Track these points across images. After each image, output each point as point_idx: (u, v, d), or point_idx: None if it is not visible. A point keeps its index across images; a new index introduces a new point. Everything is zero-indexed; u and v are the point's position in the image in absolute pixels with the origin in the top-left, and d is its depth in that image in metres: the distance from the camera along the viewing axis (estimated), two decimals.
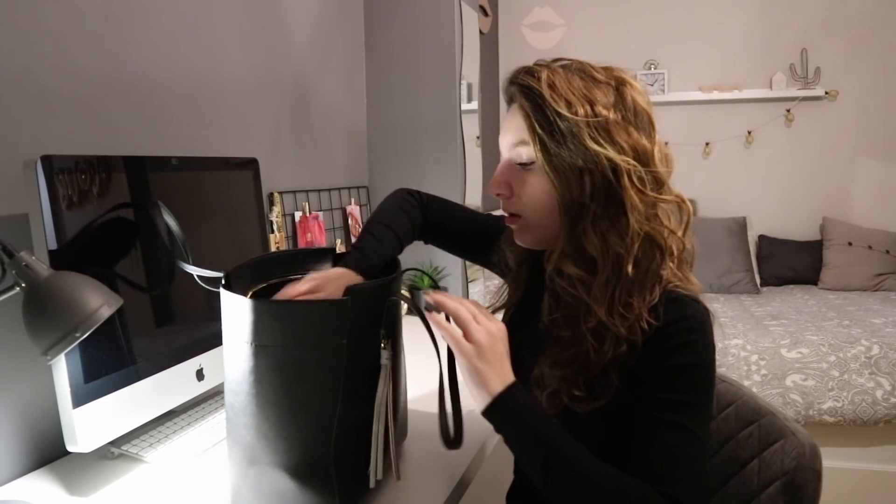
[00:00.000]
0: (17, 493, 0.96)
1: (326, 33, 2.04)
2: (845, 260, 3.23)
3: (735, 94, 3.46)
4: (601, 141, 0.76)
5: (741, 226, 3.36)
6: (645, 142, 0.79)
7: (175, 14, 1.38)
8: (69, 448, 0.91)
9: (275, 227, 1.75)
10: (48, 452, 1.05)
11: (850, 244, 3.24)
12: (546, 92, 0.78)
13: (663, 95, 3.54)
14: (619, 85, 0.80)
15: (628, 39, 3.59)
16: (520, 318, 0.96)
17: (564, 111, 0.77)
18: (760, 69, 3.46)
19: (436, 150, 2.19)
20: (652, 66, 3.58)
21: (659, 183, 0.80)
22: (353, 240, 1.00)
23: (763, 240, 3.46)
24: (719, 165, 3.53)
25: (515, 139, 0.82)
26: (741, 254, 3.28)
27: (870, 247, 3.22)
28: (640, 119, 0.80)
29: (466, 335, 0.76)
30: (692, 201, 3.52)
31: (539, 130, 0.78)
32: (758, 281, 3.28)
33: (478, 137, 2.47)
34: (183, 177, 1.15)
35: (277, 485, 0.79)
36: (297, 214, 1.86)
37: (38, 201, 0.86)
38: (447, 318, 0.79)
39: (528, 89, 0.80)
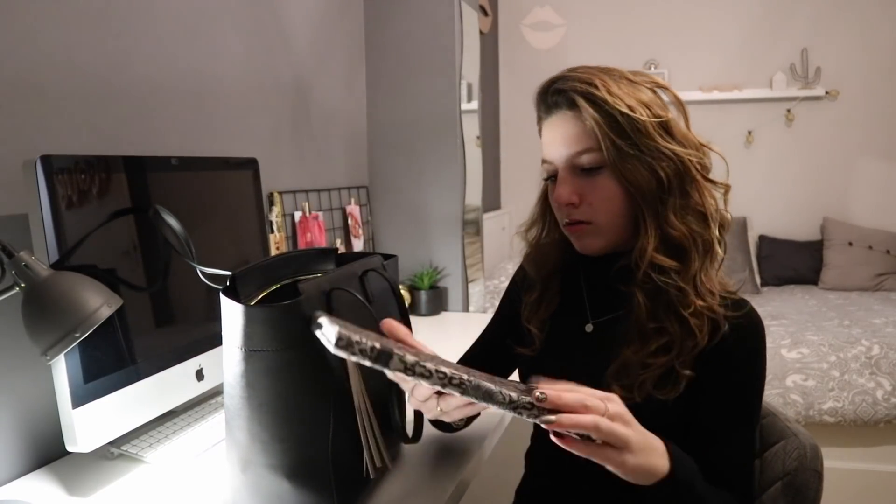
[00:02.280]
0: (17, 493, 0.96)
1: (326, 33, 2.04)
2: (846, 260, 3.23)
3: (735, 94, 3.46)
4: (667, 137, 0.82)
5: (741, 226, 3.36)
6: (692, 136, 0.85)
7: (175, 14, 1.38)
8: (69, 448, 0.91)
9: (275, 228, 1.75)
10: (48, 452, 1.05)
11: (850, 244, 3.24)
12: (607, 97, 0.81)
13: None
14: (655, 87, 0.85)
15: (628, 39, 3.59)
16: (560, 325, 0.96)
17: (630, 113, 0.80)
18: (760, 69, 3.46)
19: (436, 150, 2.19)
20: (652, 66, 3.58)
21: (708, 171, 0.86)
22: (353, 240, 1.00)
23: (763, 240, 3.46)
24: (719, 165, 3.53)
25: (578, 147, 0.83)
26: (741, 254, 3.28)
27: (870, 247, 3.22)
28: (680, 115, 0.86)
29: (616, 443, 0.65)
30: None
31: (610, 134, 0.80)
32: (758, 281, 3.28)
33: (478, 137, 2.47)
34: (183, 177, 1.15)
35: (275, 487, 0.79)
36: (297, 214, 1.85)
37: (38, 201, 0.86)
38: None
39: (589, 95, 0.81)
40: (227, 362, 0.79)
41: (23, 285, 0.79)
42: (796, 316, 2.75)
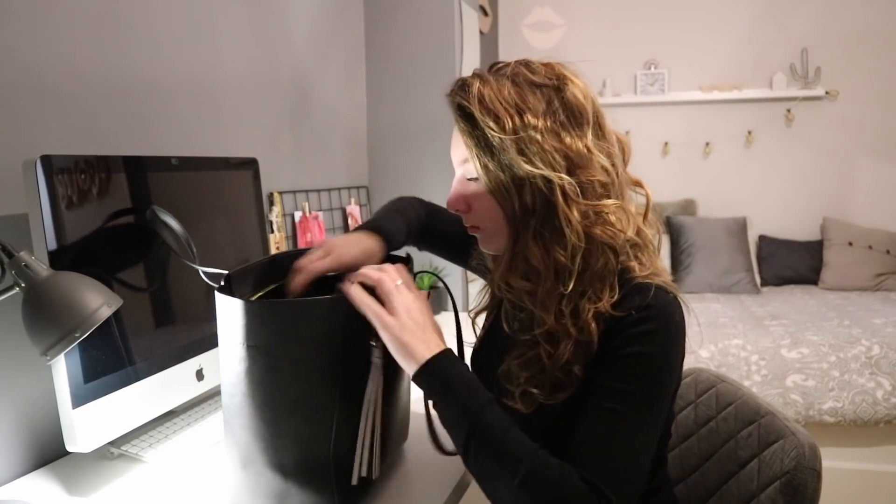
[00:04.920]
0: (17, 493, 0.96)
1: (326, 33, 2.04)
2: (845, 260, 3.23)
3: (735, 94, 3.46)
4: (531, 156, 0.76)
5: (741, 226, 3.35)
6: (580, 144, 0.77)
7: (175, 14, 1.38)
8: (69, 448, 0.91)
9: (275, 227, 1.75)
10: (48, 452, 1.05)
11: (850, 244, 3.24)
12: (476, 108, 0.77)
13: (663, 95, 3.54)
14: (559, 83, 0.79)
15: (628, 39, 3.59)
16: (498, 319, 0.96)
17: (493, 127, 0.76)
18: (760, 69, 3.46)
19: (436, 150, 2.19)
20: (652, 66, 3.58)
21: (603, 184, 0.78)
22: None
23: (763, 240, 3.46)
24: (719, 165, 3.53)
25: (461, 156, 0.83)
26: (741, 254, 3.28)
27: (870, 247, 3.21)
28: (576, 119, 0.78)
29: (388, 307, 0.78)
30: (691, 201, 3.53)
31: (475, 148, 0.78)
32: (758, 281, 3.28)
33: None
34: (183, 177, 1.15)
35: (275, 485, 0.79)
36: (297, 214, 1.86)
37: (38, 201, 0.86)
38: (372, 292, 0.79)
39: (460, 108, 0.79)
40: (226, 360, 0.79)
41: (23, 285, 0.79)
42: (796, 316, 2.75)
